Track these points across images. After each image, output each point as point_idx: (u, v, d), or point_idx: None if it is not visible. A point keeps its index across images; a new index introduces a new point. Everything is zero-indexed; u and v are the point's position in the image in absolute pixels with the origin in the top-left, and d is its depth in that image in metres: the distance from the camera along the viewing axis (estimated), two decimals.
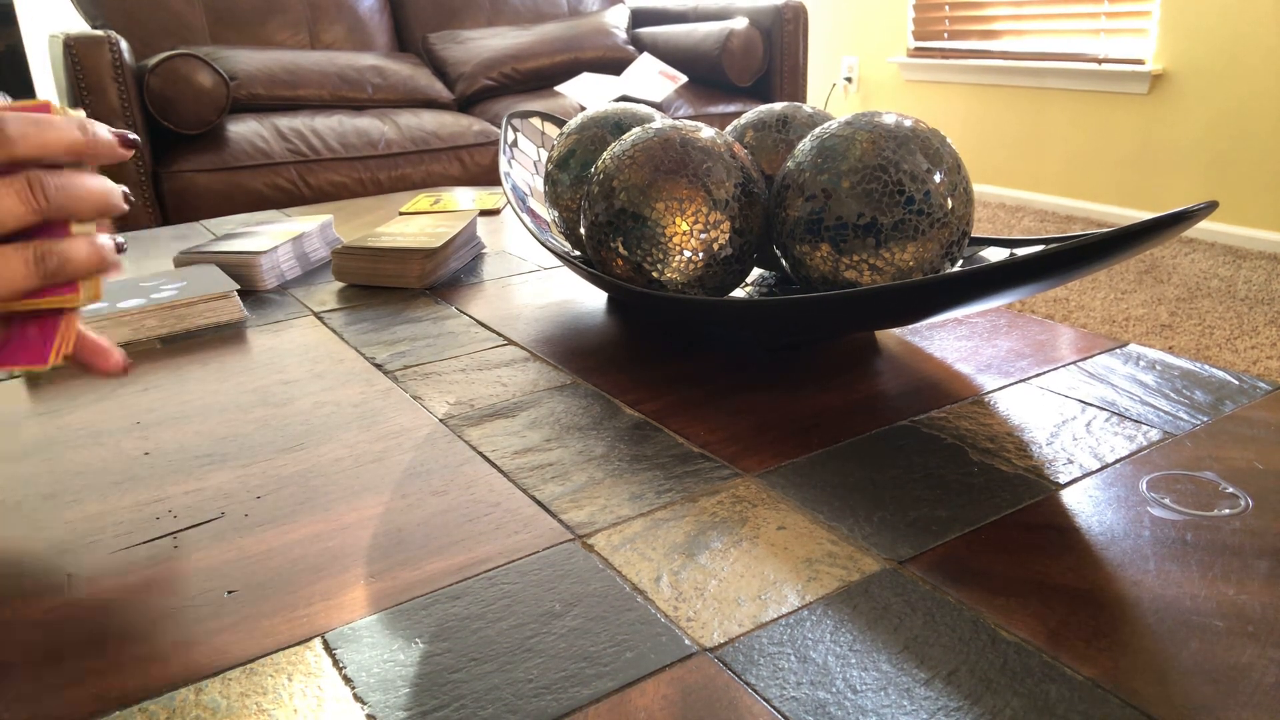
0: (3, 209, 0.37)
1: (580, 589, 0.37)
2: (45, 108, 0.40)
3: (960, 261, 0.56)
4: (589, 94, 1.51)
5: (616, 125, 0.69)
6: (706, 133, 0.58)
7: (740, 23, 2.82)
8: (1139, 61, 2.98)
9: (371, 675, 0.33)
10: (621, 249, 0.57)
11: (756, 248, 0.59)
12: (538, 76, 2.86)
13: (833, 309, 0.51)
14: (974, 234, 1.15)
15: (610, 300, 0.73)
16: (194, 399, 0.57)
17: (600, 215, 0.58)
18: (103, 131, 0.41)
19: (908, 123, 0.53)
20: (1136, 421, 0.50)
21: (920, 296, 0.48)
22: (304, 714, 0.31)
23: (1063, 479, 0.44)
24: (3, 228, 0.37)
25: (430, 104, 2.68)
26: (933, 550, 0.39)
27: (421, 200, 1.09)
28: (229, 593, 0.38)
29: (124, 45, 2.10)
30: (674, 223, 0.56)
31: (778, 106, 0.66)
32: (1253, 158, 2.74)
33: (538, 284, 0.78)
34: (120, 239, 0.43)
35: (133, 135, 0.42)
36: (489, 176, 2.48)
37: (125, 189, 0.42)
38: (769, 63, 2.89)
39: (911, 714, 0.30)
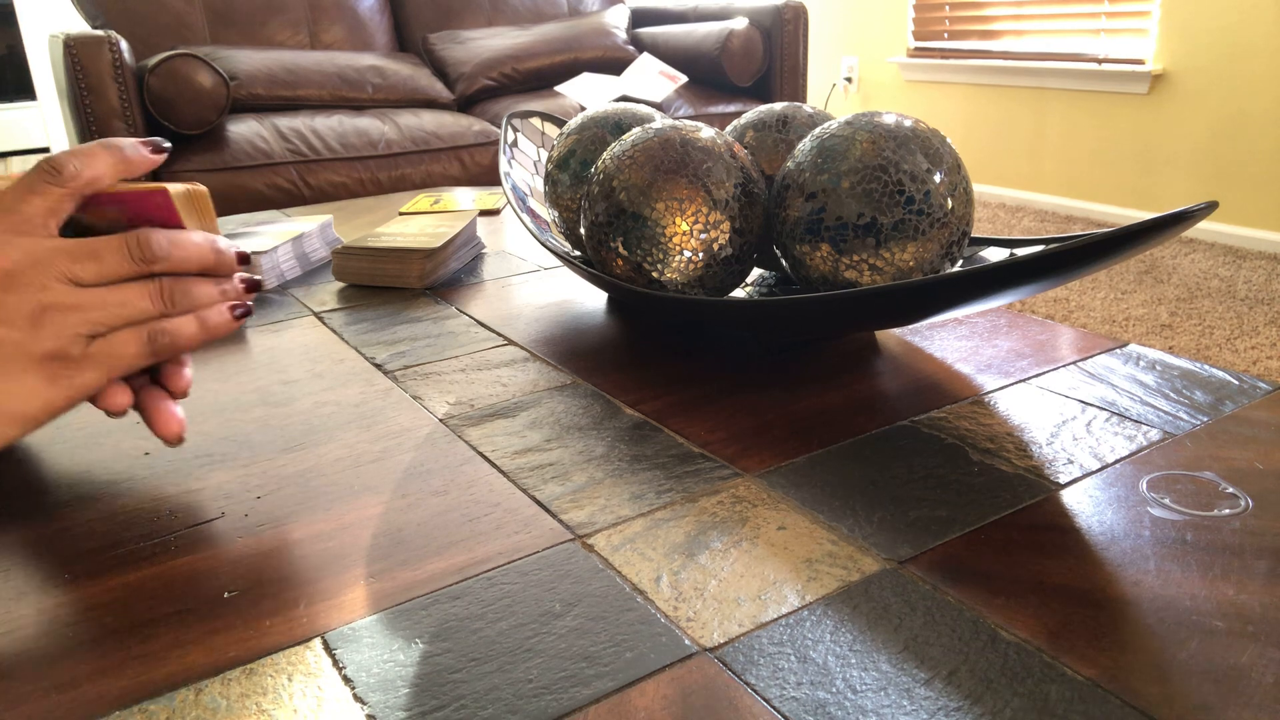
0: (138, 309, 0.43)
1: (580, 589, 0.37)
2: (163, 194, 0.45)
3: (960, 261, 0.56)
4: (589, 94, 1.51)
5: (616, 125, 0.69)
6: (706, 133, 0.58)
7: (740, 23, 2.82)
8: (1139, 61, 2.98)
9: (371, 675, 0.33)
10: (621, 249, 0.57)
11: (756, 248, 0.59)
12: (538, 76, 2.86)
13: (833, 309, 0.51)
14: (974, 234, 1.15)
15: (610, 300, 0.73)
16: (194, 399, 0.57)
17: (600, 215, 0.58)
18: (230, 250, 0.47)
19: (908, 123, 0.53)
20: (1136, 421, 0.50)
21: (920, 296, 0.48)
22: (304, 714, 0.31)
23: (1063, 479, 0.44)
24: (132, 320, 0.43)
25: (430, 104, 2.68)
26: (933, 550, 0.39)
27: (421, 200, 1.09)
28: (228, 593, 0.38)
29: (124, 45, 2.10)
30: (674, 223, 0.56)
31: (778, 106, 0.66)
32: (1253, 158, 2.74)
33: (538, 284, 0.78)
34: (246, 305, 0.48)
35: (247, 251, 0.48)
36: (489, 176, 2.48)
37: (242, 301, 0.48)
38: (769, 63, 2.89)
39: (911, 714, 0.30)
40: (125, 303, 0.43)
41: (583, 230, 0.61)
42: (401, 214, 1.03)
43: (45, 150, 4.47)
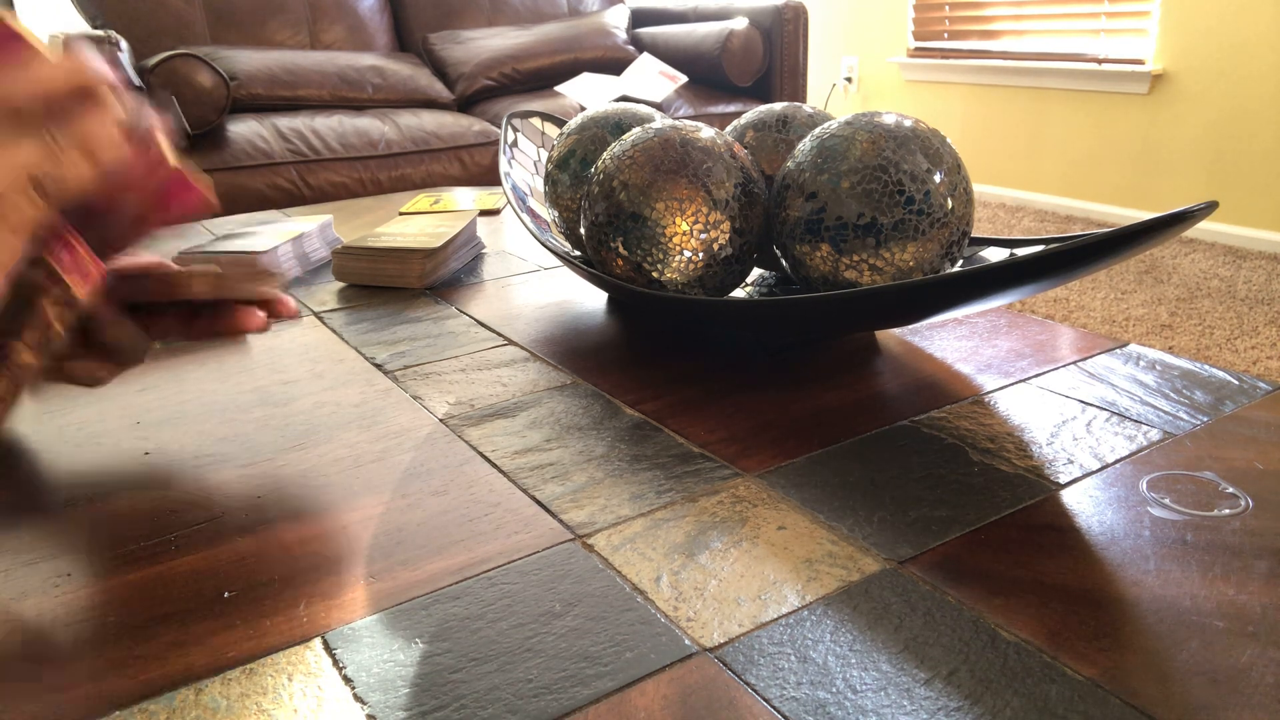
0: (21, 157, 0.37)
1: (580, 589, 0.37)
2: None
3: (960, 261, 0.56)
4: (589, 94, 1.51)
5: (616, 125, 0.69)
6: (706, 133, 0.58)
7: (740, 23, 2.82)
8: (1139, 61, 2.98)
9: (371, 675, 0.33)
10: (621, 249, 0.57)
11: (756, 248, 0.59)
12: (538, 76, 2.86)
13: (833, 309, 0.51)
14: (974, 234, 1.15)
15: (610, 300, 0.73)
16: (194, 399, 0.57)
17: (600, 215, 0.58)
18: (96, 71, 0.40)
19: (908, 123, 0.53)
20: (1136, 421, 0.50)
21: (920, 296, 0.48)
22: (304, 714, 0.31)
23: (1063, 479, 0.44)
24: (20, 171, 0.38)
25: (430, 104, 2.68)
26: (933, 550, 0.39)
27: (421, 200, 1.09)
28: (228, 593, 0.38)
29: (124, 45, 2.10)
30: (674, 223, 0.56)
31: (778, 106, 0.66)
32: (1253, 158, 2.74)
33: (538, 284, 0.78)
34: (145, 129, 0.42)
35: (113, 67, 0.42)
36: (489, 176, 2.48)
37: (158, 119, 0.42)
38: (769, 63, 2.89)
39: (911, 714, 0.30)
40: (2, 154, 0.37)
41: (583, 230, 0.61)
42: (401, 214, 1.03)
43: None
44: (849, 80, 3.99)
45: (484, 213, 1.06)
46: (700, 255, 0.56)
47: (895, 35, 3.75)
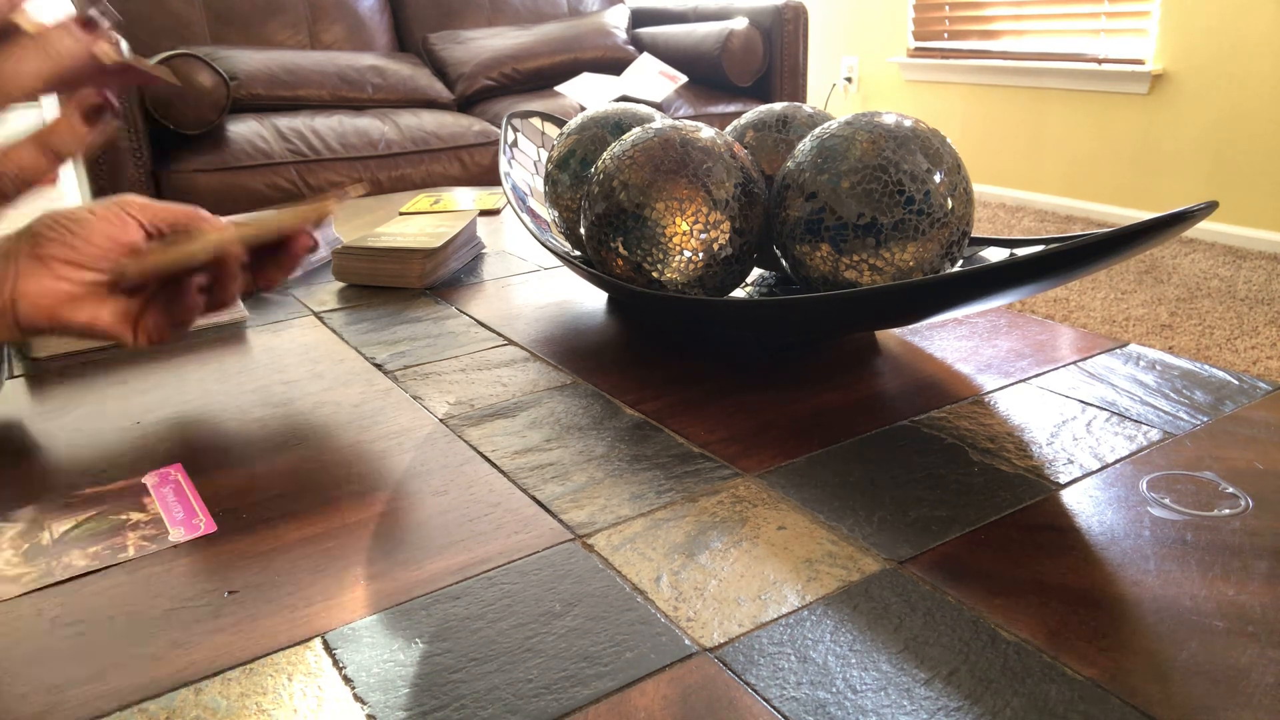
0: None
1: (580, 589, 0.37)
2: None
3: (960, 261, 0.56)
4: (589, 94, 1.51)
5: (616, 125, 0.69)
6: (706, 133, 0.58)
7: (740, 23, 2.82)
8: (1139, 61, 2.98)
9: (371, 675, 0.33)
10: (621, 249, 0.57)
11: (756, 248, 0.59)
12: (538, 76, 2.86)
13: (833, 309, 0.51)
14: (974, 234, 1.15)
15: (610, 300, 0.73)
16: (194, 399, 0.57)
17: (600, 215, 0.58)
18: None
19: (908, 123, 0.53)
20: (1136, 421, 0.50)
21: (920, 296, 0.48)
22: (304, 714, 0.31)
23: (1063, 479, 0.44)
24: None
25: (430, 104, 2.68)
26: (933, 550, 0.39)
27: (421, 200, 1.09)
28: (229, 593, 0.38)
29: (124, 45, 2.10)
30: (674, 223, 0.56)
31: (778, 106, 0.66)
32: (1253, 158, 2.74)
33: (538, 284, 0.78)
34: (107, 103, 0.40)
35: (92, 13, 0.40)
36: (489, 176, 2.48)
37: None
38: (769, 63, 2.89)
39: (911, 714, 0.30)
40: None
41: (583, 230, 0.61)
42: (401, 214, 1.03)
43: None
44: (849, 80, 3.98)
45: (484, 213, 1.06)
46: (700, 255, 0.56)
47: (895, 35, 3.75)
